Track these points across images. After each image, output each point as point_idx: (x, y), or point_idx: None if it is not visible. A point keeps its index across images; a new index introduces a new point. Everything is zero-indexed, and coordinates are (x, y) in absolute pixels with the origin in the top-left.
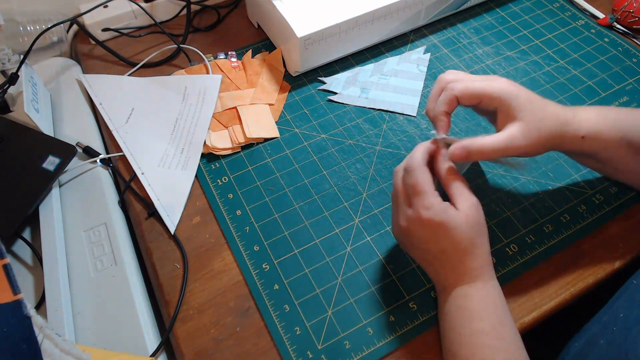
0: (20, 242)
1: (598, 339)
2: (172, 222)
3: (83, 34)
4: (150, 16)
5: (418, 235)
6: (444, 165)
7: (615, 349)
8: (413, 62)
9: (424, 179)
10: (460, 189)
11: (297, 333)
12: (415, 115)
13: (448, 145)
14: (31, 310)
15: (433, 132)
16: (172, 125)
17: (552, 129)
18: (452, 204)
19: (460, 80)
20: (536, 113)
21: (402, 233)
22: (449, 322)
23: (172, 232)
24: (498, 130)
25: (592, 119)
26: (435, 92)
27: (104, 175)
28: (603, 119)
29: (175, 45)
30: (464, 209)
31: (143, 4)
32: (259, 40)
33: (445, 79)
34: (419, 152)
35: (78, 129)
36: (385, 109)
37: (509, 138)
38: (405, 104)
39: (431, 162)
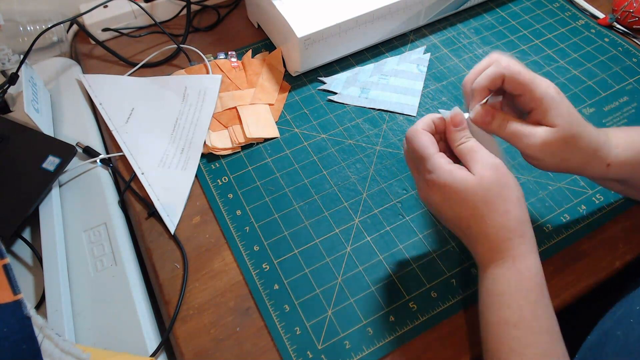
0: (20, 242)
1: (614, 330)
2: (172, 222)
3: (83, 34)
4: (150, 16)
5: (433, 201)
6: (455, 135)
7: (633, 339)
8: (413, 62)
9: (423, 142)
10: (472, 153)
11: (297, 333)
12: (415, 115)
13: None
14: (31, 310)
15: (442, 110)
16: (172, 125)
17: (577, 154)
18: (469, 170)
19: (514, 64)
20: (572, 128)
21: (425, 203)
22: (480, 306)
23: (172, 232)
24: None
25: (621, 144)
26: (482, 66)
27: (104, 175)
28: (631, 144)
29: (175, 45)
30: (478, 170)
31: (143, 4)
32: (259, 40)
33: (496, 57)
34: (419, 121)
35: (78, 129)
36: (385, 109)
37: (532, 135)
38: (405, 104)
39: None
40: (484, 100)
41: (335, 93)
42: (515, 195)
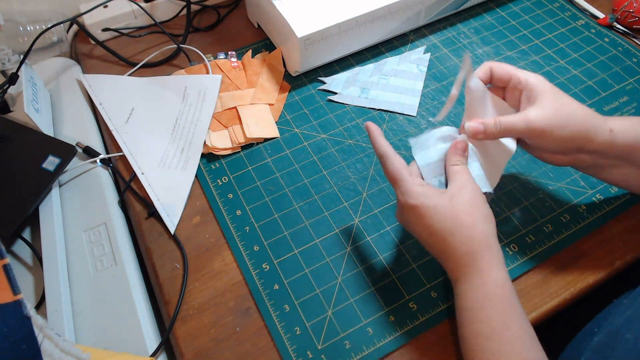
0: (20, 242)
1: (623, 332)
2: (172, 222)
3: (83, 34)
4: (150, 16)
5: (408, 221)
6: (451, 157)
7: None
8: (413, 62)
9: (395, 166)
10: (456, 174)
11: (297, 333)
12: (415, 115)
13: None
14: (31, 310)
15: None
16: (172, 125)
17: (574, 115)
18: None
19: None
20: (557, 99)
21: (402, 224)
22: (457, 320)
23: (172, 232)
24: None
25: (622, 118)
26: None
27: (104, 175)
28: (634, 119)
29: (175, 45)
30: (453, 188)
31: (143, 4)
32: (259, 40)
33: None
34: (378, 138)
35: (78, 129)
36: (385, 109)
37: (523, 117)
38: (405, 103)
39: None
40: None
41: (335, 93)
42: (484, 212)
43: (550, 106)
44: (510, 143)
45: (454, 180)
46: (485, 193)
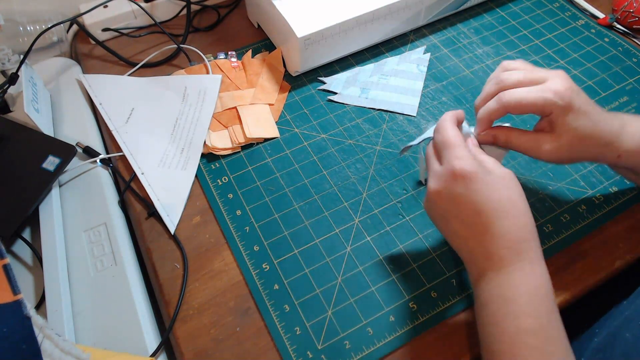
0: (20, 242)
1: (622, 332)
2: (172, 222)
3: (83, 34)
4: (150, 16)
5: (448, 193)
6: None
7: None
8: (413, 62)
9: (455, 133)
10: (492, 161)
11: (297, 333)
12: (415, 115)
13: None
14: (31, 311)
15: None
16: (172, 125)
17: (588, 151)
18: None
19: (516, 83)
20: (576, 125)
21: (432, 200)
22: (490, 315)
23: (172, 232)
24: (536, 127)
25: (636, 134)
26: (491, 91)
27: (104, 175)
28: None
29: (175, 45)
30: (500, 172)
31: (143, 4)
32: (259, 40)
33: (501, 78)
34: (448, 115)
35: (78, 129)
36: (385, 109)
37: (535, 145)
38: (405, 103)
39: None
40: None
41: (335, 93)
42: (526, 204)
43: (567, 141)
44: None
45: (495, 165)
46: None
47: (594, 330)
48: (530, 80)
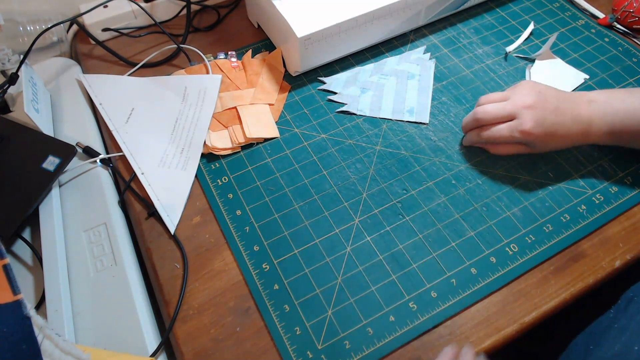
0: (20, 242)
1: (632, 345)
2: (172, 222)
3: (83, 34)
4: (150, 16)
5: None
6: None
7: None
8: (413, 62)
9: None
10: None
11: (297, 333)
12: (427, 122)
13: None
14: (31, 311)
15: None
16: (172, 125)
17: (565, 146)
18: None
19: (492, 120)
20: (550, 146)
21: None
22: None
23: (172, 232)
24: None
25: (603, 125)
26: (472, 125)
27: (104, 175)
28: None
29: (175, 45)
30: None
31: (143, 4)
32: (259, 40)
33: (478, 117)
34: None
35: (78, 129)
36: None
37: (516, 151)
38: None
39: None
40: None
41: (335, 93)
42: None
43: (542, 149)
44: None
45: None
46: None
47: (593, 331)
48: (503, 117)
